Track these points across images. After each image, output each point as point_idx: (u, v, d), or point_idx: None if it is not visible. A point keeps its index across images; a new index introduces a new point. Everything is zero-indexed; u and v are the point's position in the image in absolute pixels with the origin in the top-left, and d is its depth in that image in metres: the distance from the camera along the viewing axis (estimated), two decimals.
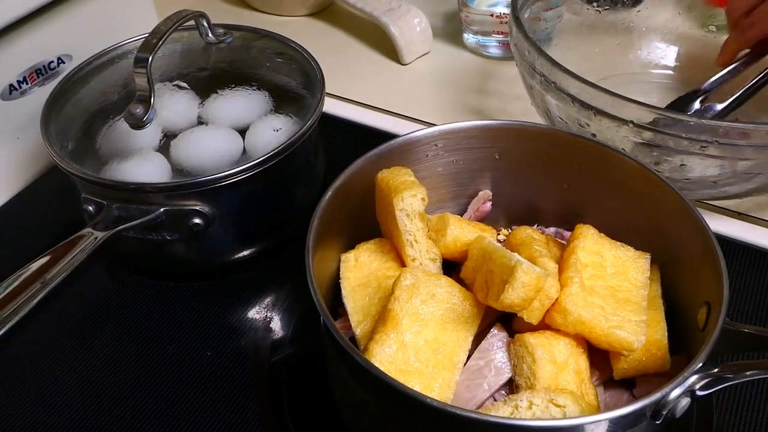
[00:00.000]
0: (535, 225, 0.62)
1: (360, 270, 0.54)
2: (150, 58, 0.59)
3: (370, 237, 0.57)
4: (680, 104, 0.75)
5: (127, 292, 0.67)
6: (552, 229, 0.62)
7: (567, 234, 0.60)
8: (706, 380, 0.43)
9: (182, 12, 0.63)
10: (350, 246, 0.56)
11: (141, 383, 0.59)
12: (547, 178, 0.60)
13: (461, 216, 0.63)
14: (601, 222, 0.56)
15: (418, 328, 0.47)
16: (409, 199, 0.52)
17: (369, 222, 0.57)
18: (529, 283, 0.44)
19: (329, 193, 0.52)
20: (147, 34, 0.61)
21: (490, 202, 0.62)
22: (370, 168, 0.55)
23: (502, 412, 0.44)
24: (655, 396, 0.41)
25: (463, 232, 0.54)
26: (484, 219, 0.63)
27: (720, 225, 0.69)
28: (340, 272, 0.54)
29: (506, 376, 0.49)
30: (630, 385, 0.51)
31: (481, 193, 0.62)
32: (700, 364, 0.42)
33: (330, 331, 0.44)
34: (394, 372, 0.45)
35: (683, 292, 0.52)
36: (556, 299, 0.48)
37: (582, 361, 0.49)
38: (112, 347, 0.62)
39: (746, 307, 0.62)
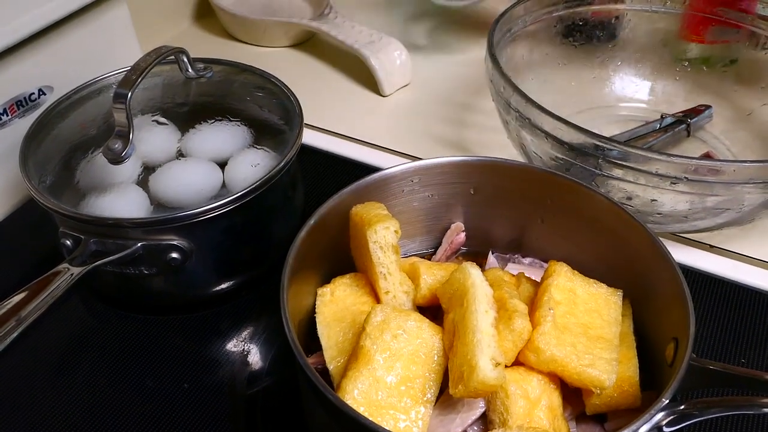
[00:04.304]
0: (516, 255, 0.63)
1: (335, 305, 0.54)
2: (129, 94, 0.59)
3: (348, 271, 0.57)
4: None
5: (104, 326, 0.67)
6: (528, 260, 0.63)
7: (545, 265, 0.61)
8: (672, 417, 0.44)
9: (162, 48, 0.64)
10: (328, 279, 0.56)
11: (118, 416, 0.58)
12: (522, 213, 0.61)
13: (436, 250, 0.64)
14: (574, 256, 0.56)
15: (390, 363, 0.47)
16: (382, 232, 0.53)
17: (346, 256, 0.58)
18: (483, 383, 0.44)
19: (304, 230, 0.53)
20: (127, 69, 0.62)
21: (464, 233, 0.63)
22: (346, 203, 0.56)
23: None
24: None
25: (435, 278, 0.55)
26: (459, 250, 0.64)
27: (691, 258, 0.70)
28: (316, 307, 0.54)
29: (479, 411, 0.49)
30: (602, 419, 0.51)
31: (453, 225, 0.63)
32: (666, 401, 0.43)
33: (304, 371, 0.44)
34: (367, 408, 0.45)
35: (653, 328, 0.53)
36: (529, 338, 0.49)
37: (555, 397, 0.49)
38: (90, 381, 0.62)
39: (716, 340, 0.63)
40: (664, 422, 0.44)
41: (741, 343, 0.63)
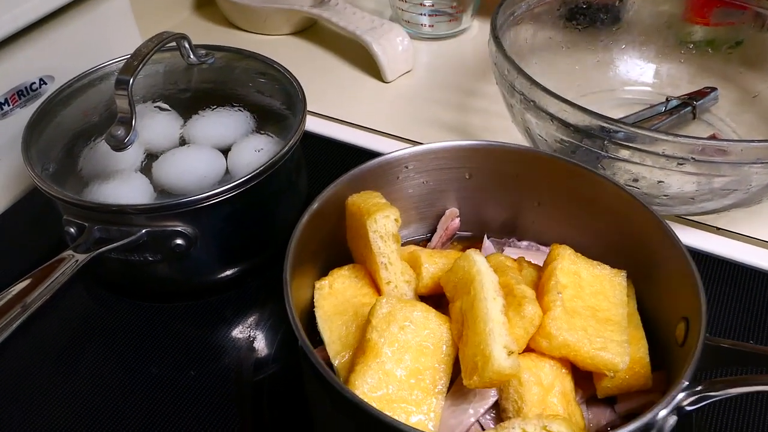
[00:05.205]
0: (511, 239, 0.63)
1: (335, 297, 0.53)
2: (131, 81, 0.59)
3: (344, 262, 0.56)
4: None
5: (109, 314, 0.67)
6: (524, 243, 0.62)
7: (542, 248, 0.61)
8: (692, 398, 0.43)
9: (163, 34, 0.64)
10: (324, 272, 0.55)
11: (125, 404, 0.58)
12: (518, 197, 0.61)
13: (430, 236, 0.63)
14: (571, 239, 0.56)
15: (399, 356, 0.46)
16: (382, 221, 0.52)
17: (342, 248, 0.57)
18: (499, 372, 0.43)
19: (305, 217, 0.52)
20: (128, 56, 0.61)
21: (458, 219, 0.62)
22: (342, 193, 0.55)
23: None
24: (647, 418, 0.41)
25: (437, 267, 0.54)
26: (454, 236, 0.63)
27: (698, 240, 0.69)
28: (315, 300, 0.53)
29: (491, 400, 0.48)
30: (610, 400, 0.51)
31: (448, 211, 0.62)
32: (687, 383, 0.43)
33: (314, 365, 0.43)
34: (378, 403, 0.44)
35: (657, 308, 0.53)
36: (540, 324, 0.48)
37: (567, 382, 0.49)
38: (95, 369, 0.61)
39: (724, 321, 0.63)
40: (685, 403, 0.43)
41: (749, 323, 0.63)
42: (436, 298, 0.53)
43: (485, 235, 0.63)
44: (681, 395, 0.43)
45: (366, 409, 0.41)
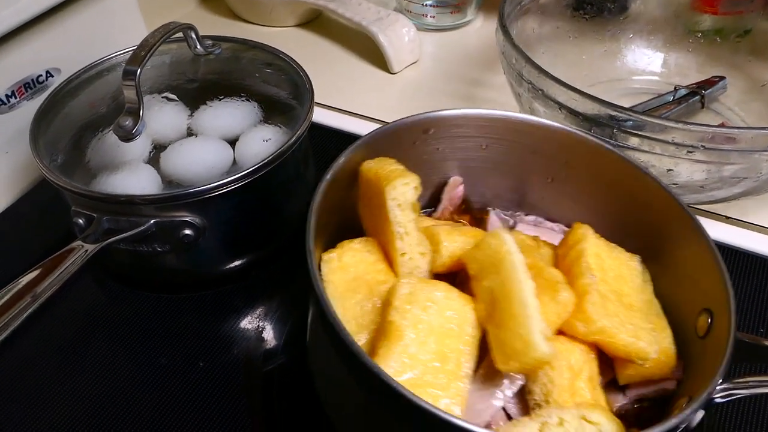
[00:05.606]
0: (518, 213, 0.62)
1: (345, 273, 0.49)
2: (138, 71, 0.59)
3: (348, 236, 0.52)
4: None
5: (117, 304, 0.67)
6: (531, 218, 0.61)
7: (548, 223, 0.60)
8: (720, 393, 0.43)
9: (170, 24, 0.64)
10: (330, 246, 0.51)
11: (133, 395, 0.58)
12: (531, 171, 0.59)
13: (432, 206, 0.62)
14: (582, 217, 0.55)
15: (423, 339, 0.44)
16: (401, 188, 0.49)
17: (348, 220, 0.53)
18: (539, 359, 0.42)
19: (324, 181, 0.49)
20: (135, 47, 0.61)
21: (462, 186, 0.61)
22: (357, 158, 0.52)
23: (529, 429, 0.42)
24: (686, 413, 0.40)
25: (456, 245, 0.51)
26: (458, 205, 0.62)
27: (708, 229, 0.68)
28: (322, 274, 0.49)
29: (519, 383, 0.47)
30: (617, 383, 0.50)
31: (451, 180, 0.61)
32: (720, 380, 0.42)
33: (348, 347, 0.40)
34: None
35: (672, 295, 0.51)
36: (575, 308, 0.47)
37: (594, 367, 0.48)
38: (104, 360, 0.62)
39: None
40: (714, 397, 0.42)
41: (759, 312, 0.63)
42: (452, 276, 0.51)
43: (492, 210, 0.61)
44: (713, 392, 0.42)
45: (402, 393, 0.38)
